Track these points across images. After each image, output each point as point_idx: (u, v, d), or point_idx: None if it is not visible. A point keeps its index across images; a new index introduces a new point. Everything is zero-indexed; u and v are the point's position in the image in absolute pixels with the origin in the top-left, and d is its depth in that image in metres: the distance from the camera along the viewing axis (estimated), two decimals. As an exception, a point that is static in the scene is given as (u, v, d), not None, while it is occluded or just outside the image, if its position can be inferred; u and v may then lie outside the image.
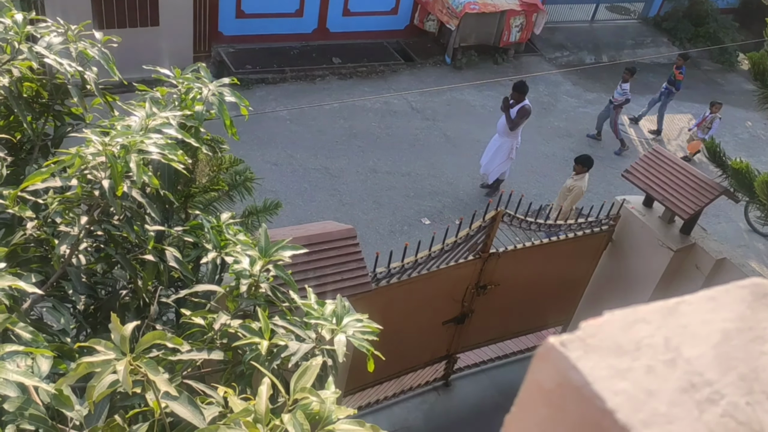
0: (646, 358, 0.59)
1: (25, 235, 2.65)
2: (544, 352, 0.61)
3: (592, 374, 0.57)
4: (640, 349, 0.60)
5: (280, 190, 9.68)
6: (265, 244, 2.92)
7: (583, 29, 16.75)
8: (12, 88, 3.10)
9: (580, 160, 8.65)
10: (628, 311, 0.64)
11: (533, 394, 0.62)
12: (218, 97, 3.54)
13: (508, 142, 9.95)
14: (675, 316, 0.63)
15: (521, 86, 9.80)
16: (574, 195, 8.46)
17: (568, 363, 0.58)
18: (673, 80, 12.72)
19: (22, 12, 3.06)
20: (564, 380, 0.58)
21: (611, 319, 0.63)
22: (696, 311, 0.63)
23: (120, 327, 1.78)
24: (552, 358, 0.59)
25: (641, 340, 0.60)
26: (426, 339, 6.49)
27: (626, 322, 0.62)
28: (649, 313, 0.63)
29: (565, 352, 0.59)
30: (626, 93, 12.08)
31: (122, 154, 2.65)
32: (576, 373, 0.57)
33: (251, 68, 12.31)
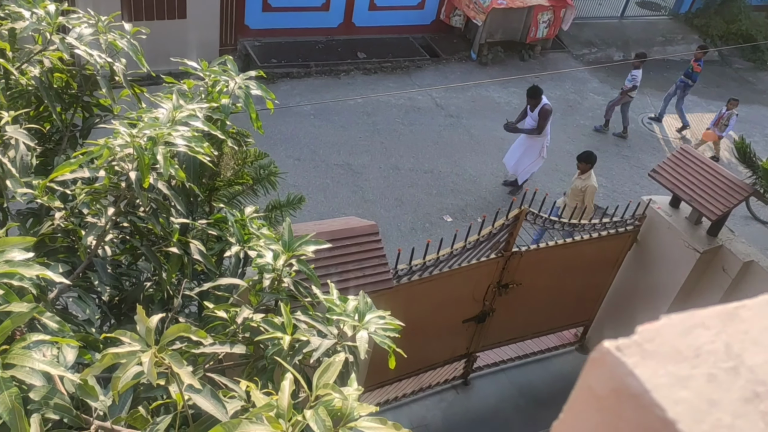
0: (706, 366, 0.56)
1: (52, 225, 2.68)
2: (599, 357, 0.58)
3: (651, 381, 0.54)
4: (700, 355, 0.57)
5: (303, 186, 9.70)
6: (288, 238, 2.92)
7: (612, 25, 16.52)
8: (43, 78, 3.14)
9: (583, 158, 8.42)
10: (685, 315, 0.61)
11: (585, 400, 0.60)
12: (245, 91, 3.54)
13: (539, 140, 9.85)
14: (735, 321, 0.60)
15: (533, 91, 9.71)
16: (589, 194, 8.32)
17: (625, 369, 0.56)
18: (690, 72, 12.49)
19: (55, 2, 3.09)
20: (620, 387, 0.56)
21: (668, 324, 0.60)
22: (757, 316, 0.60)
23: (145, 319, 1.79)
24: (607, 363, 0.57)
25: (701, 347, 0.58)
26: (446, 337, 6.47)
27: (684, 327, 0.59)
28: (708, 317, 0.61)
29: (622, 358, 0.56)
30: (635, 79, 11.94)
31: (149, 146, 2.66)
32: (634, 380, 0.55)
33: (276, 62, 12.34)
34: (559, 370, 7.48)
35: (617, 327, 7.16)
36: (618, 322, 7.26)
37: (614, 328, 7.26)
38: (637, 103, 13.58)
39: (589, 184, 8.32)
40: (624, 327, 7.01)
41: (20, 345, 1.74)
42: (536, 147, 9.86)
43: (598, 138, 12.31)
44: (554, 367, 7.52)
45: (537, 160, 10.00)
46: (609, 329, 7.41)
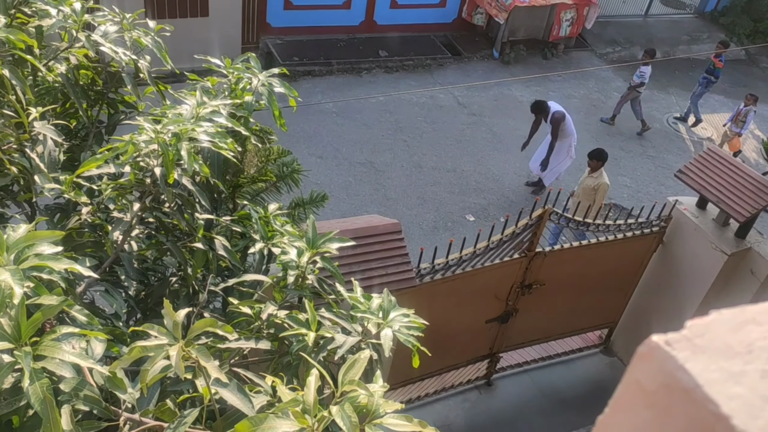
0: (759, 362, 0.54)
1: (80, 220, 2.70)
2: (647, 352, 0.56)
3: (703, 376, 0.52)
4: (752, 351, 0.55)
5: (325, 183, 9.71)
6: (312, 235, 2.91)
7: (636, 24, 16.31)
8: (69, 75, 3.16)
9: (594, 155, 8.26)
10: (736, 311, 0.59)
11: (632, 394, 0.58)
12: (268, 88, 3.54)
13: (566, 140, 9.74)
14: None
15: (536, 107, 9.64)
16: (601, 192, 8.19)
17: (675, 363, 0.53)
18: (712, 69, 12.29)
19: (81, 1, 3.11)
20: (670, 381, 0.54)
21: (718, 319, 0.58)
22: None
23: (173, 313, 1.79)
24: (656, 357, 0.55)
25: (753, 343, 0.55)
26: (468, 337, 6.43)
27: (735, 323, 0.57)
28: (760, 313, 0.58)
29: (672, 352, 0.54)
30: (644, 76, 11.87)
31: (174, 142, 2.67)
32: (685, 375, 0.53)
33: (298, 60, 12.38)
34: (584, 372, 7.40)
35: (643, 330, 7.06)
36: (644, 324, 7.16)
37: (640, 331, 7.16)
38: (663, 103, 13.40)
39: (601, 182, 8.20)
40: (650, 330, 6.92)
41: (50, 337, 1.75)
42: (563, 147, 9.76)
43: (622, 137, 12.17)
44: (578, 369, 7.44)
45: (565, 160, 9.89)
46: (634, 332, 7.32)
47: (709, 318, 0.58)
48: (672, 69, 14.12)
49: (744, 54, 16.11)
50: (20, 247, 1.86)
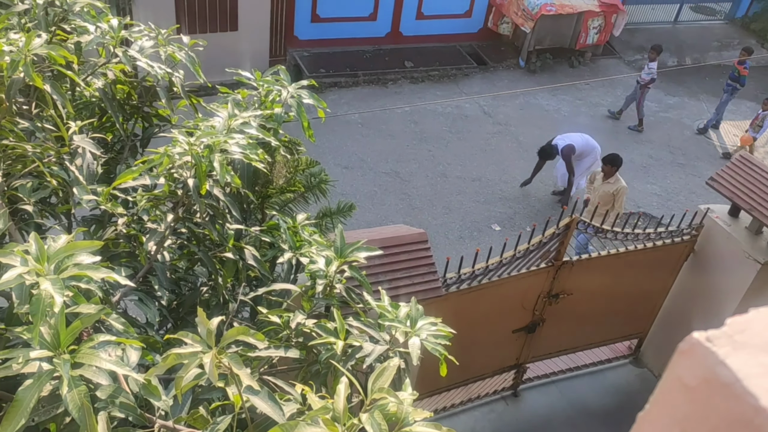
0: None
1: (116, 231, 2.77)
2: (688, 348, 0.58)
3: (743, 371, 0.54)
4: None
5: (351, 193, 9.77)
6: (340, 245, 2.95)
7: (665, 30, 16.15)
8: (106, 90, 3.26)
9: (608, 160, 8.16)
10: None
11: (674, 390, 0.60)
12: (297, 99, 3.60)
13: (585, 159, 9.72)
14: None
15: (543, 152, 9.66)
16: (620, 197, 8.09)
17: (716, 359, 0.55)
18: (737, 76, 12.12)
19: (118, 18, 3.21)
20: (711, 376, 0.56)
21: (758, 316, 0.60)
22: None
23: (206, 321, 1.84)
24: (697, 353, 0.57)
25: None
26: (495, 347, 6.40)
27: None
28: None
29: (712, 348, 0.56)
30: (653, 72, 11.90)
31: (206, 153, 2.73)
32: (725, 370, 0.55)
33: (325, 72, 12.50)
34: (612, 384, 7.31)
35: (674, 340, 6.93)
36: (675, 335, 7.05)
37: (671, 342, 7.04)
38: (693, 110, 13.23)
39: (620, 186, 8.12)
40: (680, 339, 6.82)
41: (88, 345, 1.81)
42: (584, 164, 9.73)
43: (651, 145, 12.03)
44: (607, 380, 7.35)
45: (588, 170, 9.81)
46: (665, 342, 7.21)
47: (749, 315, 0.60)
48: (702, 75, 13.94)
49: (776, 60, 15.82)
50: (60, 257, 1.93)
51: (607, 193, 8.09)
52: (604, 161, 8.27)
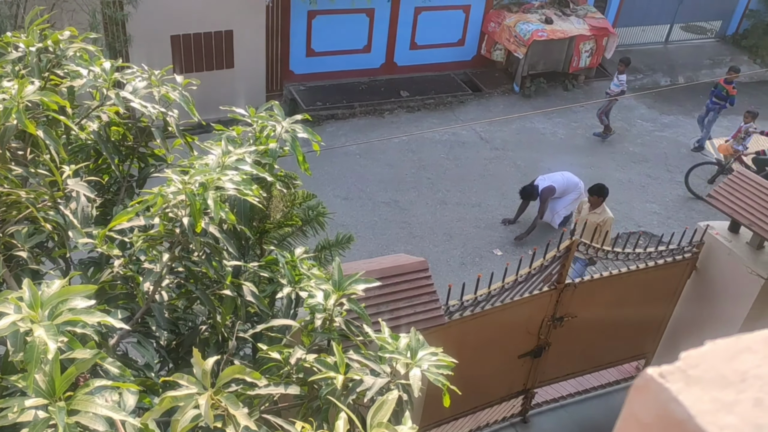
0: (753, 390, 0.55)
1: (112, 273, 2.77)
2: (643, 384, 0.57)
3: (696, 407, 0.53)
4: (746, 380, 0.55)
5: (351, 224, 9.77)
6: (339, 277, 2.94)
7: (657, 51, 16.32)
8: (101, 132, 3.29)
9: (595, 191, 8.11)
10: (731, 340, 0.60)
11: (630, 428, 0.59)
12: (291, 134, 3.63)
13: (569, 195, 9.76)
14: None
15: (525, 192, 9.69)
16: (607, 227, 7.99)
17: (669, 395, 0.54)
18: (726, 95, 12.20)
19: (110, 60, 3.25)
20: (665, 413, 0.55)
21: (714, 349, 0.59)
22: None
23: (201, 362, 1.82)
24: (651, 390, 0.56)
25: (747, 371, 0.56)
26: (501, 373, 6.34)
27: (730, 352, 0.58)
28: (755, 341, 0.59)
29: (665, 384, 0.55)
30: (623, 84, 12.10)
31: (201, 191, 2.74)
32: (678, 406, 0.54)
33: (321, 105, 12.62)
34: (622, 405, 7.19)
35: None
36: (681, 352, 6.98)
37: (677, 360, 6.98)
38: (688, 128, 13.28)
39: (606, 217, 8.02)
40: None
41: (84, 391, 1.79)
42: (570, 198, 9.78)
43: (648, 164, 12.06)
44: (616, 402, 7.25)
45: (572, 204, 9.84)
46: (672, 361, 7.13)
47: (704, 348, 0.59)
48: (696, 94, 14.03)
49: (769, 75, 15.96)
50: (54, 302, 1.92)
51: (594, 223, 7.96)
52: (590, 191, 8.24)
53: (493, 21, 13.84)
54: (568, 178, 9.71)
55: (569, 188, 9.70)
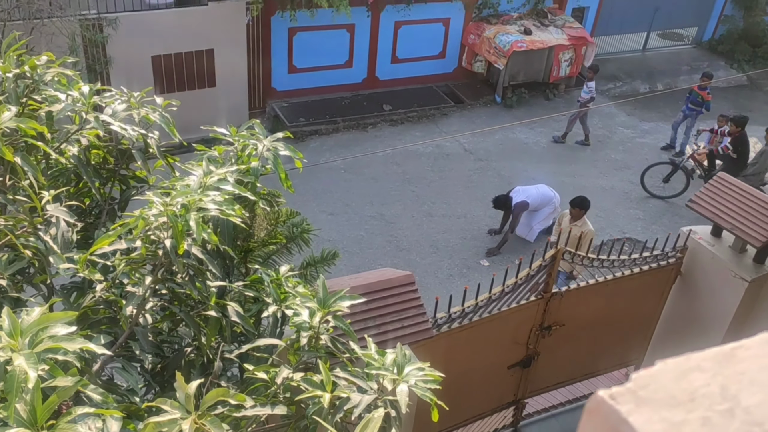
0: (702, 409, 0.55)
1: (94, 298, 2.75)
2: (594, 407, 0.58)
3: (645, 428, 0.54)
4: (695, 399, 0.56)
5: (337, 239, 9.77)
6: (323, 295, 2.93)
7: (635, 59, 16.54)
8: (81, 156, 3.27)
9: (577, 203, 8.14)
10: (681, 359, 0.61)
11: None
12: (273, 152, 3.63)
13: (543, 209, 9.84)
14: (732, 362, 0.59)
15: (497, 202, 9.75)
16: (587, 240, 8.03)
17: (619, 417, 0.55)
18: (701, 101, 12.40)
19: (89, 84, 3.24)
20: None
21: (664, 369, 0.60)
22: (755, 356, 0.60)
23: (184, 385, 1.81)
24: (602, 412, 0.57)
25: (696, 390, 0.57)
26: (491, 384, 6.33)
27: (680, 371, 0.59)
28: (704, 360, 0.60)
29: (616, 406, 0.56)
30: (592, 91, 12.31)
31: (183, 213, 2.73)
32: (627, 428, 0.55)
33: (305, 121, 12.64)
34: (612, 413, 7.22)
35: (669, 363, 6.91)
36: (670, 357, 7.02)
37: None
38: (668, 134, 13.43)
39: (587, 230, 8.05)
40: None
41: (66, 419, 1.77)
42: (544, 213, 9.86)
43: (630, 171, 12.17)
44: (607, 409, 7.26)
45: (547, 218, 9.92)
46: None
47: (655, 368, 0.60)
48: (675, 100, 14.21)
49: (746, 79, 16.21)
50: (34, 330, 1.90)
51: (575, 236, 7.91)
52: (571, 204, 8.26)
53: (473, 33, 13.97)
54: (543, 193, 9.76)
55: (543, 203, 9.76)
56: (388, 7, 13.08)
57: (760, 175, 10.57)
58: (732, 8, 17.14)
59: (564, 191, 11.41)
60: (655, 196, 11.37)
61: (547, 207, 9.81)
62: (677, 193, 11.25)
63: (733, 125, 10.67)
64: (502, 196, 9.76)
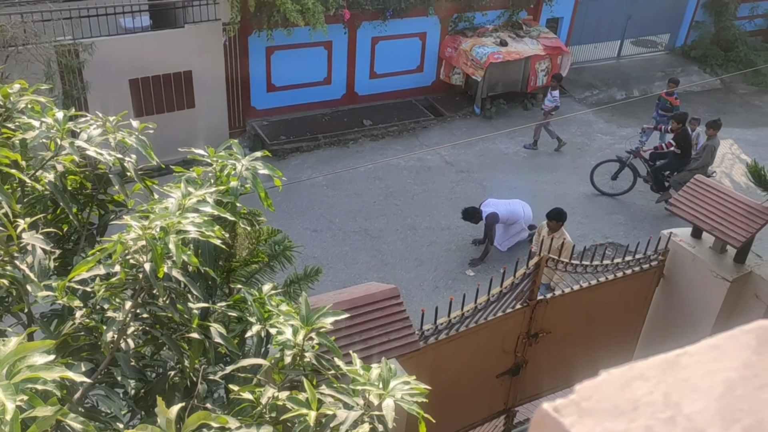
0: (644, 418, 0.56)
1: (74, 325, 2.72)
2: (539, 419, 0.59)
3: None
4: (637, 408, 0.57)
5: (322, 256, 9.75)
6: (306, 312, 2.92)
7: (610, 66, 16.77)
8: (57, 183, 3.25)
9: (552, 216, 8.18)
10: (625, 368, 0.61)
11: None
12: (252, 171, 3.62)
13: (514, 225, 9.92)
14: (675, 369, 0.60)
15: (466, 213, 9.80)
16: (568, 251, 8.03)
17: (563, 429, 0.56)
18: (670, 107, 12.62)
19: (63, 110, 3.23)
20: None
21: (607, 379, 0.60)
22: (698, 362, 0.60)
23: (165, 410, 1.79)
24: (547, 425, 0.57)
25: (639, 399, 0.58)
26: (481, 394, 6.33)
27: (623, 380, 0.60)
28: (648, 368, 0.61)
29: (559, 418, 0.56)
30: (556, 100, 12.58)
31: (162, 235, 2.72)
32: None
33: (285, 138, 12.64)
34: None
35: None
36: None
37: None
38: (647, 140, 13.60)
39: (565, 241, 8.07)
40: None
41: (45, 449, 1.75)
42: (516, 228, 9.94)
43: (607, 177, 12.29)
44: (597, 414, 7.28)
45: (521, 233, 10.00)
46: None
47: (598, 379, 0.61)
48: (651, 105, 14.40)
49: (719, 83, 16.49)
50: (12, 360, 1.88)
51: (554, 248, 7.79)
52: (548, 216, 8.29)
53: (450, 46, 14.10)
54: (512, 210, 9.78)
55: (511, 219, 9.82)
56: (365, 23, 13.17)
57: (704, 168, 10.90)
58: (703, 14, 17.46)
59: (545, 199, 11.51)
60: (604, 194, 11.62)
61: (516, 225, 9.88)
62: (625, 190, 11.53)
63: (674, 122, 11.00)
64: (470, 208, 9.79)
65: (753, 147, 13.74)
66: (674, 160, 10.98)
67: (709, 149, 10.77)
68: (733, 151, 13.63)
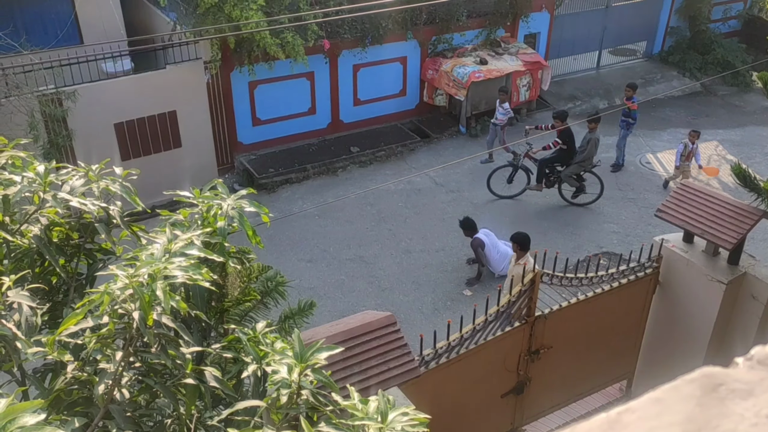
0: None
1: (66, 379, 2.68)
2: None
3: None
4: None
5: (318, 286, 9.71)
6: (299, 349, 2.90)
7: (590, 77, 16.93)
8: (42, 236, 3.23)
9: (518, 241, 7.95)
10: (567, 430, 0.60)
11: None
12: (238, 210, 3.61)
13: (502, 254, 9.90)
14: (617, 428, 0.59)
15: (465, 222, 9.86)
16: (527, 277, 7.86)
17: None
18: (629, 112, 12.76)
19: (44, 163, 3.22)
20: None
21: None
22: (640, 419, 0.59)
23: (157, 465, 1.76)
24: None
25: None
26: (486, 415, 6.27)
27: None
28: (590, 430, 0.59)
29: None
30: (508, 112, 12.85)
31: (149, 282, 2.70)
32: None
33: (274, 171, 12.66)
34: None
35: (662, 372, 6.92)
36: (660, 367, 7.03)
37: (659, 375, 7.01)
38: (632, 146, 13.71)
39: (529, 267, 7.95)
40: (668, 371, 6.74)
41: None
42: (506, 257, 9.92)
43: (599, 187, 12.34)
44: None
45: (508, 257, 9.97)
46: (654, 377, 7.17)
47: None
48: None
49: (700, 86, 16.66)
50: (1, 423, 1.85)
51: (519, 275, 6.89)
52: (511, 240, 8.20)
53: (431, 68, 14.22)
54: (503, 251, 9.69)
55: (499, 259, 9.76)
56: (344, 52, 13.28)
57: (589, 159, 11.34)
58: (677, 20, 17.70)
59: (535, 211, 11.53)
60: (502, 197, 11.89)
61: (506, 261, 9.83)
62: (520, 191, 11.89)
63: (558, 121, 11.36)
64: (472, 220, 9.84)
65: (738, 147, 13.86)
66: (563, 155, 11.44)
67: (593, 142, 11.23)
68: (719, 152, 13.73)
